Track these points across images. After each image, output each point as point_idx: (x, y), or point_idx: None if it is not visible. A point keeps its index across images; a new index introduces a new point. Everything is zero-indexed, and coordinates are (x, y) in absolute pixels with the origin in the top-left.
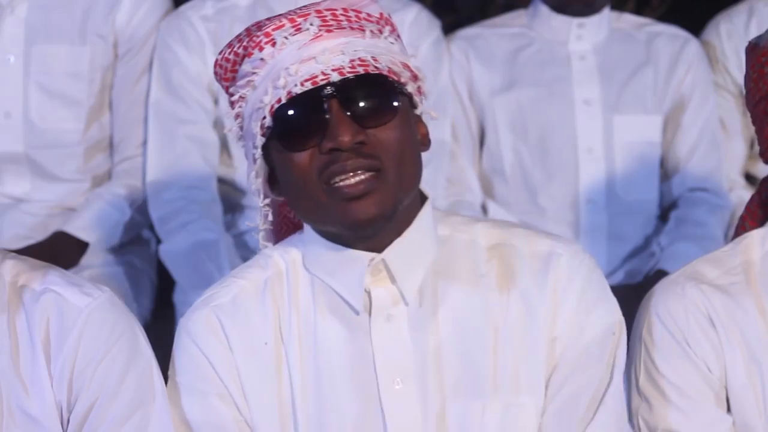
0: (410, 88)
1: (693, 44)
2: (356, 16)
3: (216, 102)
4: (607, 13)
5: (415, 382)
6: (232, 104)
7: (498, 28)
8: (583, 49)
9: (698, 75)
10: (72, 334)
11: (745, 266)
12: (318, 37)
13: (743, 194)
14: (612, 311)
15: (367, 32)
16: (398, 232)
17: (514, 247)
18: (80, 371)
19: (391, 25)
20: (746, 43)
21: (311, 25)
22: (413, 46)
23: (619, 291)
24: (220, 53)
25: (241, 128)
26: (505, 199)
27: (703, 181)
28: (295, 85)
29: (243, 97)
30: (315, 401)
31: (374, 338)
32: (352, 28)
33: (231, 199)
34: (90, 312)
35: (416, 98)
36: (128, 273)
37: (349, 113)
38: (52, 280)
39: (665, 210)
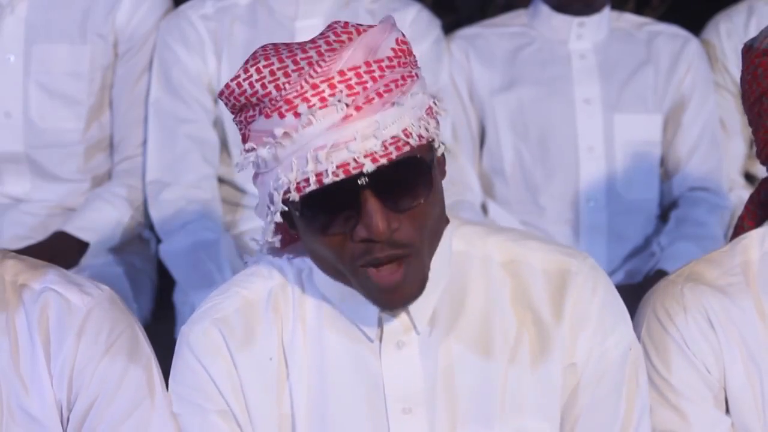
0: (437, 142)
1: (693, 44)
2: (380, 70)
3: (216, 101)
4: (607, 13)
5: (424, 409)
6: (243, 140)
7: (498, 28)
8: (584, 48)
9: (698, 74)
10: (72, 333)
11: (744, 267)
12: (347, 117)
13: (743, 194)
14: (628, 329)
15: (395, 97)
16: None
17: (529, 264)
18: (80, 370)
19: (409, 52)
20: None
21: (339, 101)
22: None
23: (619, 291)
24: (227, 87)
25: (256, 173)
26: (505, 199)
27: (703, 181)
28: (327, 174)
29: (263, 159)
30: (319, 421)
31: (384, 364)
32: (379, 95)
33: (231, 199)
34: (90, 311)
35: (441, 143)
36: (128, 273)
37: (382, 200)
38: (52, 279)
39: (665, 209)
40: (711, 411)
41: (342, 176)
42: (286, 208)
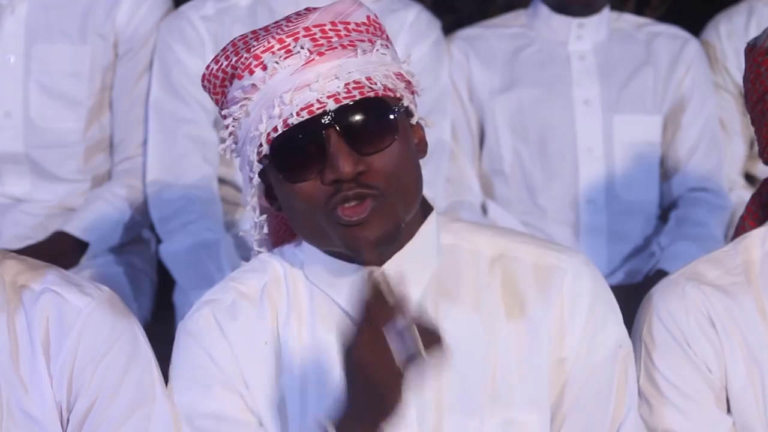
0: (406, 100)
1: (693, 44)
2: (345, 30)
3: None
4: (606, 13)
5: (412, 396)
6: (224, 119)
7: (498, 28)
8: (583, 49)
9: (698, 75)
10: (71, 334)
11: (745, 266)
12: (310, 61)
13: (743, 194)
14: (619, 325)
15: (359, 51)
16: (400, 245)
17: (518, 258)
18: (80, 371)
19: (380, 28)
20: (746, 43)
21: (302, 47)
22: (413, 47)
23: (619, 291)
24: (207, 68)
25: (235, 143)
26: (505, 199)
27: (703, 181)
28: (292, 115)
29: (236, 119)
30: (315, 404)
31: None
32: (343, 47)
33: (231, 199)
34: (90, 312)
35: (411, 107)
36: (128, 273)
37: (347, 141)
38: (52, 280)
39: (665, 210)
40: (712, 410)
41: (306, 116)
42: (261, 166)
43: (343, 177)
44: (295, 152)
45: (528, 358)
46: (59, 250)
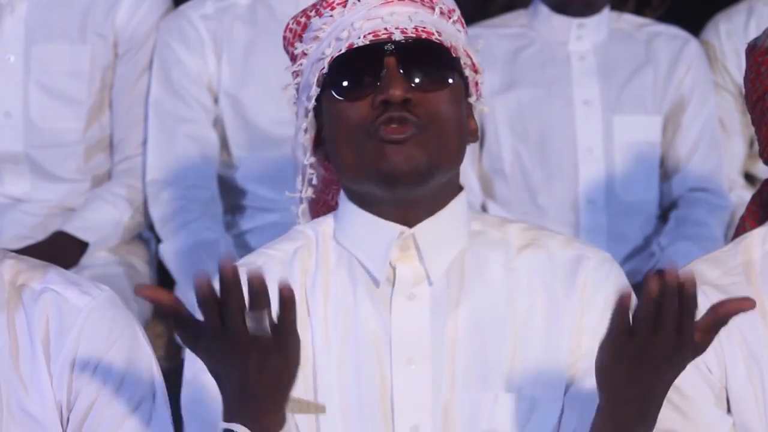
0: (468, 73)
1: (693, 44)
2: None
3: (216, 101)
4: (606, 14)
5: (429, 362)
6: (293, 59)
7: (498, 28)
8: (583, 49)
9: (698, 75)
10: (71, 333)
11: (745, 266)
12: (389, 2)
13: (743, 194)
14: None
15: (437, 10)
16: (431, 212)
17: (546, 247)
18: (80, 370)
19: (461, 20)
20: (746, 43)
21: None
22: None
23: None
24: (292, 18)
25: (297, 87)
26: (505, 199)
27: (703, 181)
28: (358, 38)
29: (306, 53)
30: (333, 364)
31: (394, 314)
32: (423, 4)
33: (231, 199)
34: (89, 311)
35: (472, 88)
36: (128, 273)
37: (404, 71)
38: (52, 279)
39: (665, 210)
40: (712, 410)
41: (371, 39)
42: (319, 89)
43: (392, 98)
44: (352, 71)
45: (549, 340)
46: (59, 250)
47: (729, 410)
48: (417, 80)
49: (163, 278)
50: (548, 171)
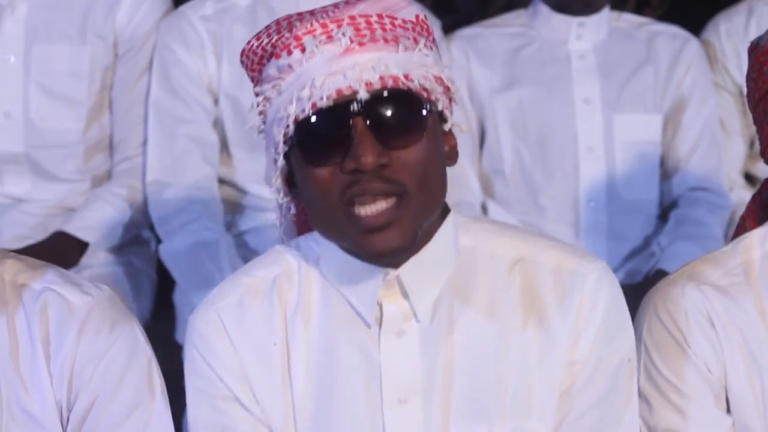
0: (441, 104)
1: (693, 44)
2: (391, 25)
3: (216, 102)
4: (607, 13)
5: (420, 400)
6: (256, 96)
7: (498, 28)
8: (583, 48)
9: (698, 74)
10: (71, 333)
11: (745, 266)
12: (349, 50)
13: (743, 194)
14: (630, 341)
15: (401, 46)
16: (417, 248)
17: (537, 262)
18: (80, 370)
19: (427, 29)
20: (746, 43)
21: (343, 35)
22: None
23: None
24: (247, 44)
25: (264, 123)
26: (505, 199)
27: (703, 181)
28: (321, 99)
29: (267, 99)
30: (317, 408)
31: (383, 352)
32: (386, 41)
33: (231, 199)
34: (89, 311)
35: (446, 112)
36: (128, 273)
37: (374, 132)
38: (52, 279)
39: (665, 209)
40: (712, 411)
41: (335, 97)
42: (287, 148)
43: (364, 167)
44: (319, 135)
45: (543, 366)
46: (59, 250)
47: (728, 410)
48: (389, 140)
49: (163, 279)
50: (549, 170)
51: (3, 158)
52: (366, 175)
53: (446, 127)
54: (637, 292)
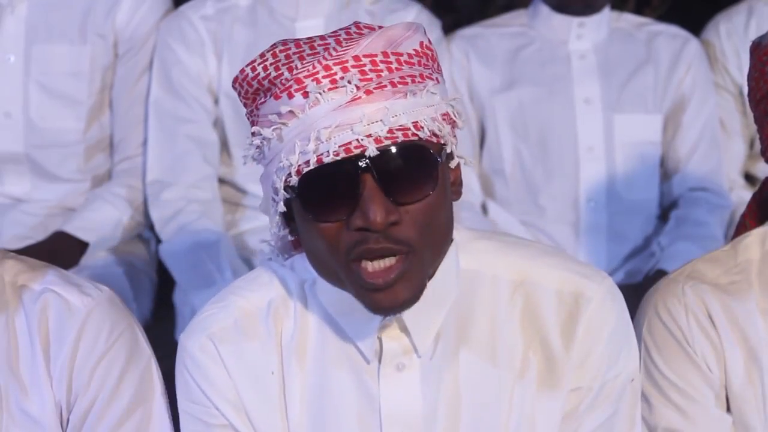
0: (450, 145)
1: (693, 44)
2: (397, 63)
3: (216, 101)
4: (607, 13)
5: None
6: (252, 130)
7: (498, 28)
8: (584, 48)
9: (698, 74)
10: (71, 334)
11: (745, 265)
12: (356, 99)
13: (743, 194)
14: (634, 361)
15: (409, 92)
16: None
17: (540, 285)
18: (79, 371)
19: (432, 57)
20: (746, 43)
21: (349, 82)
22: None
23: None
24: (241, 71)
25: (262, 157)
26: (505, 199)
27: (703, 181)
28: (328, 153)
29: (267, 139)
30: None
31: (383, 387)
32: (393, 84)
33: (231, 199)
34: (89, 311)
35: (453, 149)
36: (128, 273)
37: (383, 189)
38: (52, 280)
39: (665, 209)
40: (712, 410)
41: (343, 155)
42: (288, 196)
43: (373, 226)
44: (324, 190)
45: (547, 392)
46: (59, 250)
47: (729, 409)
48: (398, 196)
49: (164, 279)
50: (549, 170)
51: (3, 158)
52: (374, 234)
53: (453, 164)
54: (637, 292)
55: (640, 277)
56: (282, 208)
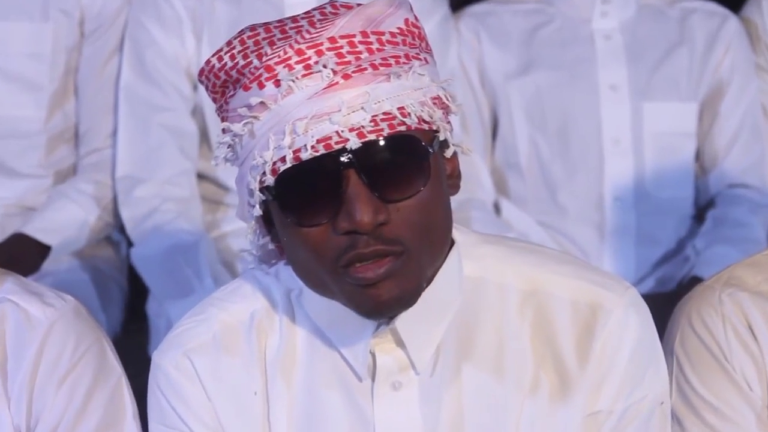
0: (443, 132)
1: (732, 22)
2: (378, 43)
3: (195, 87)
4: None
5: None
6: (222, 126)
7: (512, 4)
8: (609, 27)
9: (738, 56)
10: (31, 349)
11: None
12: (333, 85)
13: None
14: (662, 382)
15: (392, 75)
16: None
17: (553, 295)
18: (41, 391)
19: (418, 35)
20: None
21: (324, 67)
22: None
23: (648, 300)
24: (207, 63)
25: (234, 157)
26: (521, 197)
27: (743, 177)
28: (305, 148)
29: (238, 135)
30: None
31: (377, 408)
32: (374, 67)
33: (212, 197)
34: (51, 324)
35: (448, 136)
36: (95, 280)
37: (369, 186)
38: (10, 289)
39: (701, 209)
40: None
41: (322, 151)
42: (265, 198)
43: (361, 228)
44: (304, 191)
45: (559, 412)
46: (18, 255)
47: None
48: (386, 193)
49: (135, 287)
50: (570, 165)
51: None
52: (363, 237)
53: (448, 153)
54: (669, 301)
55: (673, 284)
56: (259, 212)
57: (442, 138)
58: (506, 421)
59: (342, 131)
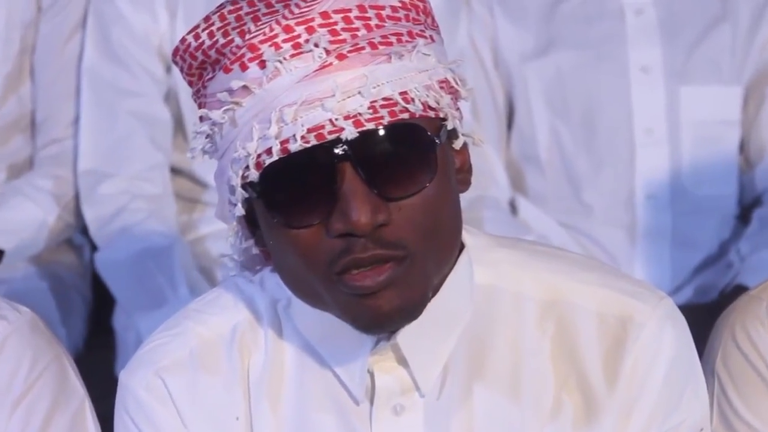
0: (451, 120)
1: None
2: (378, 19)
3: (169, 69)
4: None
5: None
6: (199, 108)
7: None
8: (641, 0)
9: None
10: None
11: None
12: (326, 66)
13: None
14: (701, 404)
15: (393, 55)
16: None
17: (577, 306)
18: None
19: (423, 9)
20: None
21: (316, 46)
22: None
23: (686, 312)
24: (182, 41)
25: (212, 149)
26: (540, 194)
27: None
28: (294, 139)
29: (217, 124)
30: None
31: None
32: (373, 46)
33: (188, 194)
34: (4, 339)
35: (456, 125)
36: (55, 289)
37: (367, 182)
38: None
39: (746, 208)
40: None
41: (313, 142)
42: (248, 195)
43: (357, 230)
44: (293, 187)
45: None
46: None
47: None
48: (387, 190)
49: (100, 297)
50: (596, 158)
51: None
52: (360, 240)
53: (457, 144)
54: (710, 313)
55: (715, 294)
56: (241, 211)
57: (450, 127)
58: None
59: (336, 119)
